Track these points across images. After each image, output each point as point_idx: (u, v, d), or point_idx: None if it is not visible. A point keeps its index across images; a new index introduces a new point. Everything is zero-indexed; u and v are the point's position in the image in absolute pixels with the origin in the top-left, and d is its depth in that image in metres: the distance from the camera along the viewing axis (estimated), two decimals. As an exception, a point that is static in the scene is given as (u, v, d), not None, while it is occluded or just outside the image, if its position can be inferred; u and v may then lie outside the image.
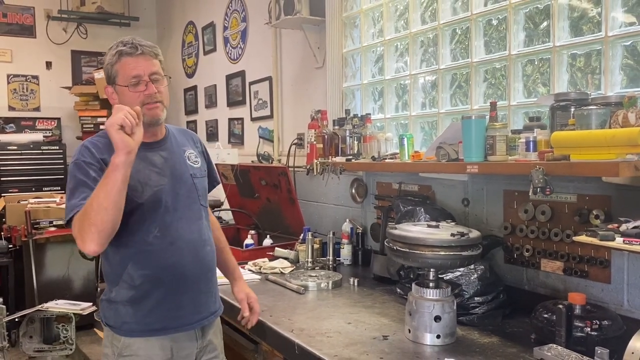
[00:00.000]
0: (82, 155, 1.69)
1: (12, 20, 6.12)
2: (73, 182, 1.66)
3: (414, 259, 1.82)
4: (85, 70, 6.49)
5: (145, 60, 1.72)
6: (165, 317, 1.76)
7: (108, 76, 1.76)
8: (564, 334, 1.65)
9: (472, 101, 2.54)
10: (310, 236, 2.88)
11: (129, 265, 1.73)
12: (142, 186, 1.72)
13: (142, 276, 1.73)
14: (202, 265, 1.84)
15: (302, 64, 3.80)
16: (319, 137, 2.97)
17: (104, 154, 1.68)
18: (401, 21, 3.02)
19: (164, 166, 1.79)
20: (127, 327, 1.75)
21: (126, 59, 1.71)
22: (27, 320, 3.95)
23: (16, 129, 6.11)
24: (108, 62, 1.75)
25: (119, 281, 1.75)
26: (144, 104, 1.71)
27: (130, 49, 1.71)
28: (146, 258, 1.73)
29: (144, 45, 1.73)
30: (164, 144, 1.84)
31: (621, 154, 1.53)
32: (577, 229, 1.93)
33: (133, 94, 1.71)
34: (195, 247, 1.82)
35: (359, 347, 1.79)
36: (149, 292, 1.74)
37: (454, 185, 2.50)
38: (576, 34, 2.14)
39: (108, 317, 1.79)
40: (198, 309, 1.83)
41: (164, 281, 1.75)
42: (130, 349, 1.74)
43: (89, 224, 1.54)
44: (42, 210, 4.60)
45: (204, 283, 1.85)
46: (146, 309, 1.74)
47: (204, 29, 5.37)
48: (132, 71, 1.70)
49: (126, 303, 1.75)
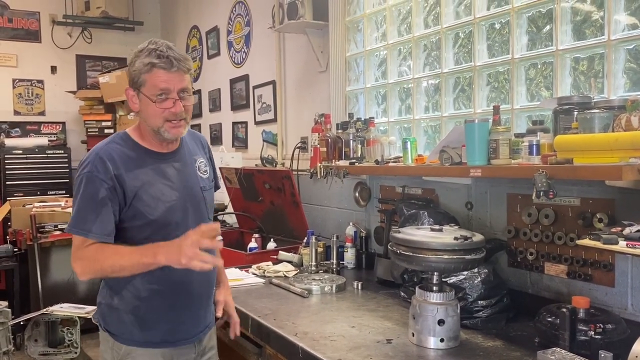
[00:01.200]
0: (96, 169, 1.64)
1: (17, 25, 6.16)
2: (80, 197, 1.64)
3: (418, 263, 1.82)
4: (90, 75, 6.53)
5: (178, 77, 1.64)
6: (166, 331, 1.76)
7: (132, 80, 1.67)
8: (567, 338, 1.64)
9: (475, 105, 2.55)
10: (314, 240, 2.88)
11: (137, 278, 1.69)
12: (155, 202, 1.68)
13: (149, 290, 1.72)
14: (207, 282, 1.86)
15: (306, 67, 3.81)
16: (323, 140, 2.98)
17: (120, 169, 1.65)
18: (404, 25, 3.03)
19: (176, 179, 1.75)
20: (129, 336, 1.74)
21: (158, 71, 1.62)
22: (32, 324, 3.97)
23: (21, 133, 6.15)
24: (137, 68, 1.65)
25: (123, 290, 1.73)
26: (167, 120, 1.66)
27: (165, 64, 1.62)
28: (155, 273, 1.66)
29: (179, 59, 1.64)
30: (178, 154, 1.79)
31: (624, 158, 1.53)
32: (581, 232, 1.93)
33: (158, 109, 1.64)
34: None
35: (363, 351, 1.79)
36: (154, 306, 1.74)
37: (457, 189, 2.50)
38: (579, 38, 2.14)
39: (109, 323, 1.77)
40: (197, 323, 1.84)
41: (169, 296, 1.74)
42: (131, 357, 1.74)
43: (99, 272, 1.63)
44: (47, 214, 4.63)
45: (205, 299, 1.87)
46: (151, 321, 1.74)
47: (208, 33, 5.40)
48: (161, 84, 1.63)
49: (129, 313, 1.73)
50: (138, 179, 1.67)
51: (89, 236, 1.61)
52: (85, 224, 1.61)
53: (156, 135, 1.71)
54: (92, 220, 1.61)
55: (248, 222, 3.88)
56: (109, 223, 1.63)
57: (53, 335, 4.04)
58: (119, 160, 1.67)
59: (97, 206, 1.61)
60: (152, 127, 1.69)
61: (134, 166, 1.68)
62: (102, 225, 1.62)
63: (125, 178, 1.65)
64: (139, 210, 1.65)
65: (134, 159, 1.69)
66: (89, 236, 1.61)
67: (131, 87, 1.69)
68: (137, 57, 1.66)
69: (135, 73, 1.65)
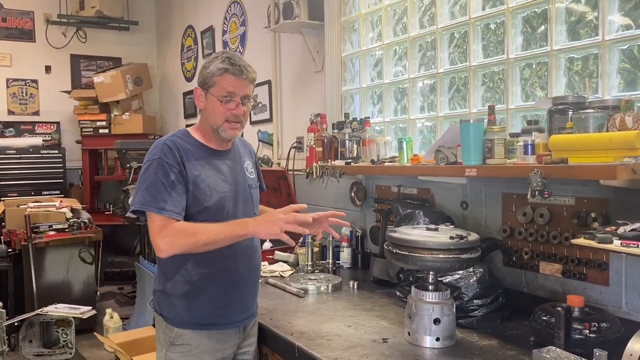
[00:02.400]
0: (165, 155, 1.81)
1: (11, 25, 6.14)
2: (152, 179, 1.79)
3: (413, 262, 1.83)
4: (84, 74, 6.51)
5: (244, 83, 1.85)
6: (214, 314, 1.90)
7: (203, 80, 1.88)
8: (562, 336, 1.65)
9: (470, 105, 2.56)
10: (309, 239, 2.88)
11: (189, 263, 1.86)
12: (210, 191, 1.86)
13: (200, 274, 1.87)
14: (253, 269, 2.00)
15: (301, 67, 3.81)
16: (319, 140, 2.98)
17: (183, 157, 1.84)
18: (400, 25, 3.03)
19: (228, 174, 1.94)
20: (179, 319, 1.89)
21: (229, 76, 1.83)
22: (27, 324, 3.96)
23: (15, 133, 6.12)
24: (210, 71, 1.85)
25: (176, 275, 1.88)
26: (227, 120, 1.87)
27: (237, 71, 1.83)
28: (206, 258, 1.82)
29: (249, 70, 1.86)
30: (230, 154, 1.99)
31: (619, 157, 1.54)
32: (576, 231, 1.94)
33: (222, 109, 1.85)
34: (249, 252, 1.96)
35: (359, 350, 1.80)
36: (204, 289, 1.88)
37: (452, 189, 2.51)
38: (573, 38, 2.15)
39: (162, 307, 1.93)
40: (243, 308, 1.97)
41: (218, 281, 1.89)
42: (182, 339, 1.88)
43: (188, 247, 1.73)
44: (41, 214, 4.61)
45: (251, 286, 2.00)
46: (199, 304, 1.88)
47: (203, 32, 5.39)
48: (229, 87, 1.83)
49: (180, 297, 1.88)
50: (196, 169, 1.85)
51: (162, 213, 1.75)
52: (158, 203, 1.76)
53: (214, 133, 1.91)
54: (164, 199, 1.76)
55: (244, 222, 3.87)
56: (180, 203, 1.79)
57: (48, 336, 4.03)
58: (184, 151, 1.86)
59: (169, 187, 1.78)
60: (213, 125, 1.89)
61: (193, 158, 1.87)
62: (175, 204, 1.77)
63: (187, 166, 1.84)
64: (196, 197, 1.82)
65: (192, 152, 1.88)
66: (163, 213, 1.75)
67: (200, 87, 1.90)
68: (212, 62, 1.87)
69: (208, 75, 1.86)
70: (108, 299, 5.50)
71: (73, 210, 4.89)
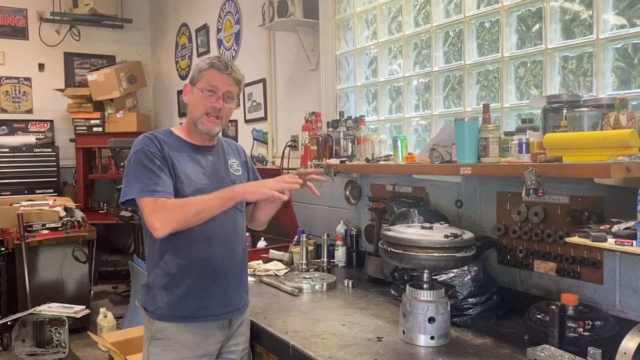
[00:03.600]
0: (147, 145, 1.87)
1: (4, 22, 6.09)
2: (139, 168, 1.83)
3: (408, 261, 1.83)
4: (78, 72, 6.47)
5: (227, 80, 1.91)
6: (193, 307, 1.89)
7: (192, 77, 1.96)
8: (557, 335, 1.65)
9: (465, 103, 2.56)
10: (304, 238, 2.88)
11: (167, 254, 1.89)
12: (188, 181, 1.89)
13: (177, 265, 1.89)
14: (233, 262, 1.98)
15: (296, 66, 3.81)
16: (313, 139, 2.98)
17: (164, 147, 1.89)
18: (394, 24, 3.03)
19: (208, 168, 1.97)
20: (159, 312, 1.90)
21: (214, 71, 1.90)
22: (20, 324, 3.94)
23: (8, 131, 6.08)
24: (199, 66, 1.94)
25: (156, 267, 1.91)
26: (206, 113, 1.91)
27: (222, 66, 1.90)
28: (183, 249, 1.88)
29: (234, 69, 1.93)
30: (212, 150, 2.02)
31: (613, 156, 1.54)
32: (570, 230, 1.94)
33: (203, 100, 1.91)
34: (229, 245, 1.97)
35: (354, 349, 1.79)
36: (181, 281, 1.89)
37: (447, 187, 2.51)
38: (568, 37, 2.15)
39: (146, 302, 1.96)
40: (225, 302, 1.95)
41: (195, 273, 1.90)
42: (162, 333, 1.89)
43: (182, 219, 1.76)
44: (34, 213, 4.58)
45: (233, 280, 1.98)
46: (177, 296, 1.88)
47: (198, 31, 5.37)
48: (212, 81, 1.90)
49: (161, 289, 1.90)
50: (176, 159, 1.90)
51: (155, 195, 1.79)
52: (149, 187, 1.80)
53: (195, 127, 1.96)
54: (155, 183, 1.80)
55: (238, 220, 3.86)
56: (169, 184, 1.84)
57: (41, 335, 4.01)
58: (163, 142, 1.91)
59: (157, 171, 1.82)
60: (193, 117, 1.95)
61: (173, 150, 1.92)
62: (165, 186, 1.82)
63: (169, 154, 1.89)
64: (175, 185, 1.86)
65: (173, 145, 1.94)
66: (155, 195, 1.79)
67: (189, 83, 1.98)
68: (202, 61, 1.96)
69: (196, 70, 1.94)
70: (102, 298, 5.48)
71: (66, 209, 4.87)
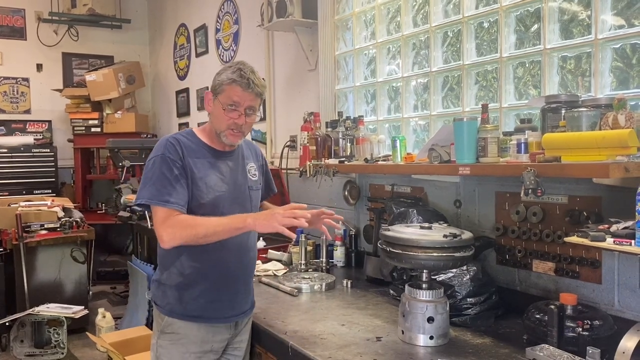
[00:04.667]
0: (168, 151, 1.89)
1: (2, 22, 6.09)
2: (157, 174, 1.86)
3: (407, 261, 1.83)
4: (76, 73, 6.47)
5: (250, 96, 1.91)
6: (203, 308, 1.95)
7: (214, 86, 1.95)
8: (555, 334, 1.66)
9: (463, 103, 2.56)
10: (303, 238, 2.88)
11: (183, 256, 1.93)
12: (207, 188, 1.92)
13: (192, 267, 1.93)
14: (244, 268, 2.04)
15: (295, 66, 3.81)
16: (312, 139, 2.98)
17: (185, 154, 1.91)
18: (393, 24, 3.03)
19: (227, 174, 1.99)
20: (169, 308, 1.96)
21: (236, 87, 1.89)
22: (18, 324, 3.93)
23: (6, 131, 6.08)
24: (221, 79, 1.92)
25: (171, 267, 1.95)
26: (229, 128, 1.92)
27: (244, 84, 1.89)
28: (199, 253, 1.91)
29: (256, 84, 1.91)
30: (232, 155, 2.04)
31: (611, 156, 1.55)
32: (568, 229, 1.94)
33: (225, 116, 1.91)
34: (242, 251, 2.01)
35: (353, 349, 1.79)
36: (195, 282, 1.94)
37: (446, 187, 2.51)
38: (566, 37, 2.16)
39: (156, 297, 2.01)
40: (233, 305, 2.01)
41: (209, 275, 1.95)
42: (171, 327, 1.95)
43: (189, 238, 1.79)
44: (33, 214, 4.57)
45: (242, 284, 2.03)
46: (189, 296, 1.94)
47: (196, 31, 5.37)
48: (234, 97, 1.90)
49: (173, 287, 1.95)
50: (196, 166, 1.92)
51: (167, 206, 1.82)
52: (163, 196, 1.83)
53: (217, 137, 1.97)
54: (169, 193, 1.83)
55: (237, 221, 3.86)
56: (184, 195, 1.86)
57: (39, 336, 4.01)
58: (185, 147, 1.93)
59: (173, 181, 1.85)
60: (216, 129, 1.96)
61: (194, 155, 1.94)
62: (179, 197, 1.84)
63: (189, 162, 1.91)
64: (194, 193, 1.89)
65: (194, 150, 1.95)
66: (168, 206, 1.82)
67: (211, 92, 1.98)
68: (225, 70, 1.94)
69: (218, 82, 1.94)
70: (100, 298, 5.48)
71: (65, 210, 4.86)
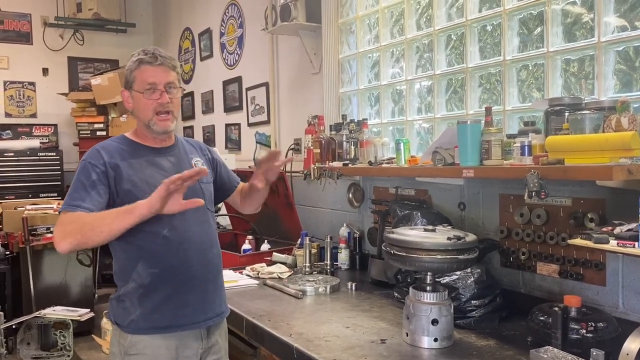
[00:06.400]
0: (90, 157, 1.79)
1: (8, 27, 6.13)
2: (74, 181, 1.77)
3: (411, 263, 1.83)
4: (82, 77, 6.50)
5: (163, 71, 1.81)
6: (171, 316, 1.81)
7: (126, 81, 1.85)
8: (559, 336, 1.66)
9: (467, 106, 2.57)
10: (307, 241, 2.89)
11: (139, 264, 1.80)
12: (149, 188, 1.75)
13: (151, 275, 1.80)
14: (209, 266, 1.91)
15: (299, 69, 3.82)
16: (316, 142, 2.99)
17: (115, 158, 1.80)
18: (397, 27, 3.04)
19: (171, 170, 1.84)
20: (133, 325, 1.79)
21: (145, 67, 1.80)
22: (25, 327, 3.95)
23: (13, 135, 6.11)
24: (128, 67, 1.83)
25: (128, 279, 1.81)
26: (156, 113, 1.82)
27: (150, 59, 1.80)
28: (155, 257, 1.80)
29: (163, 56, 1.82)
30: (173, 150, 1.93)
31: (614, 158, 1.55)
32: (572, 232, 1.94)
33: (147, 101, 1.81)
34: (203, 248, 1.89)
35: (357, 351, 1.80)
36: (157, 290, 1.80)
37: (450, 190, 2.51)
38: (569, 40, 2.16)
39: (116, 316, 1.84)
40: (204, 308, 1.88)
41: (171, 280, 1.81)
42: (136, 348, 1.78)
43: (78, 232, 1.64)
44: (39, 217, 4.60)
45: (210, 284, 1.91)
46: (153, 306, 1.79)
47: (201, 35, 5.39)
48: (148, 78, 1.80)
49: (134, 300, 1.80)
50: (132, 167, 1.81)
51: (77, 210, 1.69)
52: (75, 201, 1.71)
53: (148, 130, 1.86)
54: (82, 198, 1.71)
55: (242, 223, 3.88)
56: (99, 202, 1.73)
57: (45, 339, 4.02)
58: (115, 151, 1.82)
59: (88, 187, 1.73)
60: (144, 121, 1.85)
61: (129, 157, 1.83)
62: (92, 203, 1.71)
63: (120, 165, 1.79)
64: (135, 195, 1.74)
65: (128, 151, 1.85)
66: (78, 210, 1.69)
67: (125, 89, 1.87)
68: (129, 60, 1.85)
69: (127, 73, 1.84)
70: (106, 301, 5.45)
71: (71, 213, 4.87)
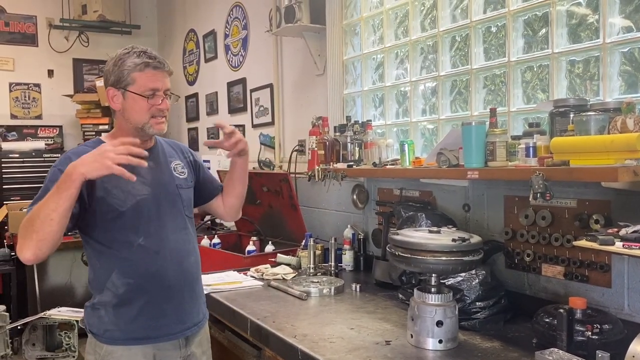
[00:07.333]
0: (60, 163, 1.69)
1: (14, 29, 6.15)
2: (42, 188, 1.67)
3: (416, 265, 1.83)
4: (87, 78, 6.52)
5: (165, 77, 1.79)
6: (148, 326, 1.76)
7: (118, 79, 1.75)
8: (565, 338, 1.65)
9: (472, 107, 2.56)
10: (312, 242, 2.89)
11: (113, 274, 1.75)
12: (124, 195, 1.73)
13: (126, 284, 1.75)
14: (186, 275, 1.86)
15: (303, 71, 3.83)
16: (320, 143, 2.99)
17: None
18: (401, 28, 3.04)
19: (148, 176, 1.80)
20: (109, 335, 1.75)
21: (150, 71, 1.75)
22: (30, 328, 3.96)
23: (18, 137, 6.13)
24: (127, 68, 1.74)
25: (103, 289, 1.76)
26: (153, 116, 1.77)
27: (157, 64, 1.76)
28: (130, 266, 1.75)
29: (165, 63, 1.80)
30: (151, 154, 1.82)
31: (620, 159, 1.55)
32: (578, 233, 1.94)
33: (145, 105, 1.75)
34: (180, 256, 1.84)
35: (362, 353, 1.80)
36: (133, 300, 1.75)
37: (454, 191, 2.51)
38: (574, 41, 2.16)
39: (91, 325, 1.79)
40: (182, 318, 1.84)
41: (147, 290, 1.76)
42: (112, 357, 1.74)
43: (32, 230, 1.53)
44: (44, 218, 4.61)
45: (188, 293, 1.86)
46: (129, 316, 1.75)
47: (205, 36, 5.40)
48: (152, 83, 1.75)
49: (110, 310, 1.75)
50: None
51: None
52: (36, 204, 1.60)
53: (139, 132, 1.78)
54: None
55: (246, 225, 3.88)
56: None
57: (51, 339, 4.04)
58: None
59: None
60: (137, 123, 1.77)
61: None
62: None
63: None
64: (109, 202, 1.70)
65: None
66: None
67: (114, 87, 1.77)
68: (125, 58, 1.76)
69: (123, 71, 1.74)
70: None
71: (76, 214, 4.89)
